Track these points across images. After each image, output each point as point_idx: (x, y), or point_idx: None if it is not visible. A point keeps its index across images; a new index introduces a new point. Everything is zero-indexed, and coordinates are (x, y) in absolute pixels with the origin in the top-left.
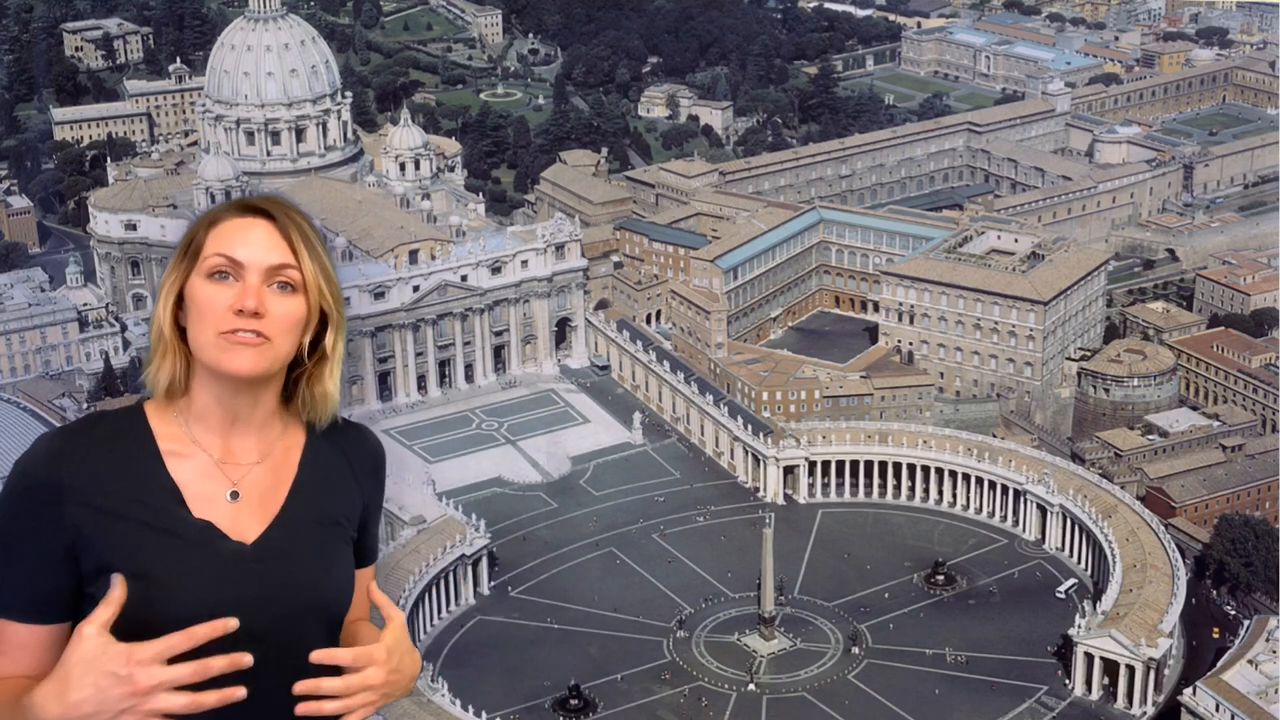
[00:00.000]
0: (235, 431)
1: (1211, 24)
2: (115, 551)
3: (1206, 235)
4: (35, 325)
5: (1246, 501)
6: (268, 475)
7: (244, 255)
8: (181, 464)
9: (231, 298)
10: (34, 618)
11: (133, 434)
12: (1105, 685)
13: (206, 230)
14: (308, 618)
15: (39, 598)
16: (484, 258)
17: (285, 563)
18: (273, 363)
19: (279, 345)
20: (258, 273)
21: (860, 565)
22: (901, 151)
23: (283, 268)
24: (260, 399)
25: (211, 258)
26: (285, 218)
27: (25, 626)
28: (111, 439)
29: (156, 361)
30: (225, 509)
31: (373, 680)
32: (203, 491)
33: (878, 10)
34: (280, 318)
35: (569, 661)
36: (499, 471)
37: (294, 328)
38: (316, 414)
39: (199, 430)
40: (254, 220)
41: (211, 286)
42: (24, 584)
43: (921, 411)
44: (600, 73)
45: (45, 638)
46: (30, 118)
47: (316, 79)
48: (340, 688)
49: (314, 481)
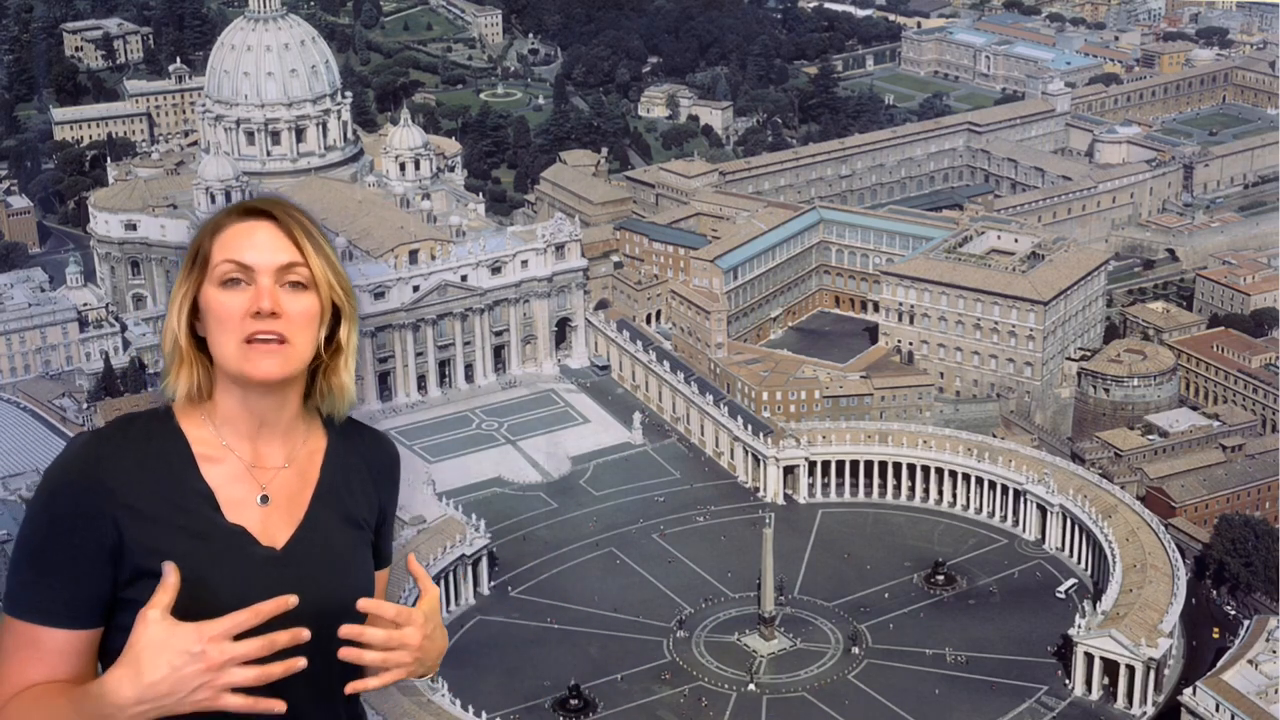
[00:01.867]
0: (262, 435)
1: (1211, 24)
2: (152, 555)
3: (1206, 235)
4: (35, 325)
5: (1246, 501)
6: (294, 479)
7: (252, 258)
8: (214, 468)
9: (247, 302)
10: (72, 623)
11: (166, 437)
12: (1105, 685)
13: (211, 238)
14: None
15: (78, 603)
16: (484, 258)
17: (312, 566)
18: (296, 364)
19: (299, 345)
20: (268, 274)
21: (860, 565)
22: (901, 151)
23: (292, 266)
24: (286, 401)
25: (221, 265)
26: (287, 216)
27: (63, 632)
28: (145, 442)
29: (174, 372)
30: (256, 513)
31: (410, 639)
32: (235, 496)
33: (878, 10)
34: (296, 316)
35: (569, 661)
36: (499, 471)
37: (310, 324)
38: (334, 406)
39: (228, 434)
40: (257, 223)
41: (226, 294)
42: (64, 590)
43: (921, 411)
44: (600, 73)
45: (82, 643)
46: (30, 118)
47: (316, 79)
48: (382, 639)
49: (336, 485)
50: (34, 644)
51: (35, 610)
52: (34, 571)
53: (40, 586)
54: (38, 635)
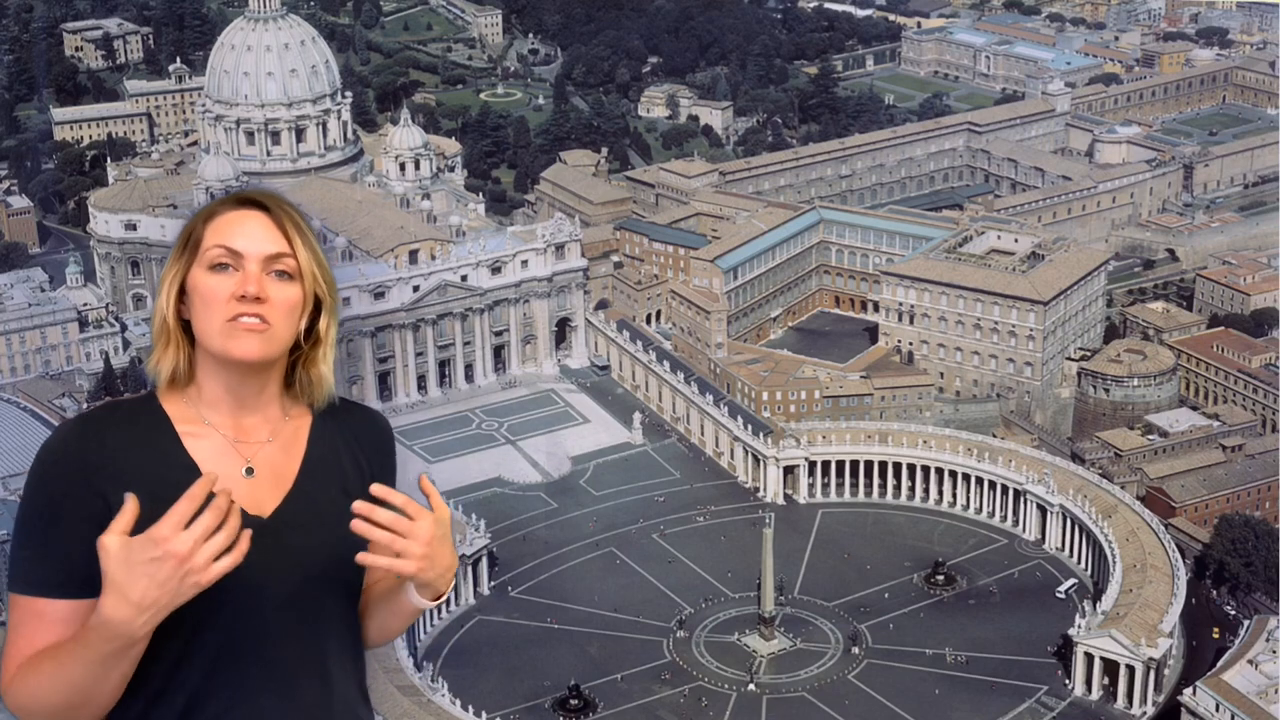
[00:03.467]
0: (244, 413)
1: (1211, 24)
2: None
3: (1206, 235)
4: (35, 325)
5: (1246, 501)
6: (279, 453)
7: (242, 245)
8: (198, 443)
9: (234, 285)
10: (71, 592)
11: (150, 417)
12: (1105, 685)
13: (204, 224)
14: (327, 581)
15: (74, 573)
16: (484, 258)
17: (302, 531)
18: (276, 347)
19: (280, 330)
20: (257, 261)
21: (860, 565)
22: (901, 151)
23: (279, 256)
24: (265, 383)
25: (212, 250)
26: (278, 209)
27: (63, 602)
28: (130, 421)
29: (159, 351)
30: (241, 484)
31: (420, 532)
32: (219, 468)
33: (878, 10)
34: (280, 303)
35: (569, 661)
36: (499, 471)
37: (292, 312)
38: (314, 395)
39: (210, 413)
40: (249, 212)
41: (214, 277)
42: (60, 561)
43: (921, 411)
44: (600, 73)
45: (84, 611)
46: (30, 118)
47: (316, 79)
48: (390, 519)
49: (323, 457)
50: (39, 615)
51: (36, 583)
52: (31, 548)
53: (38, 561)
54: (41, 607)
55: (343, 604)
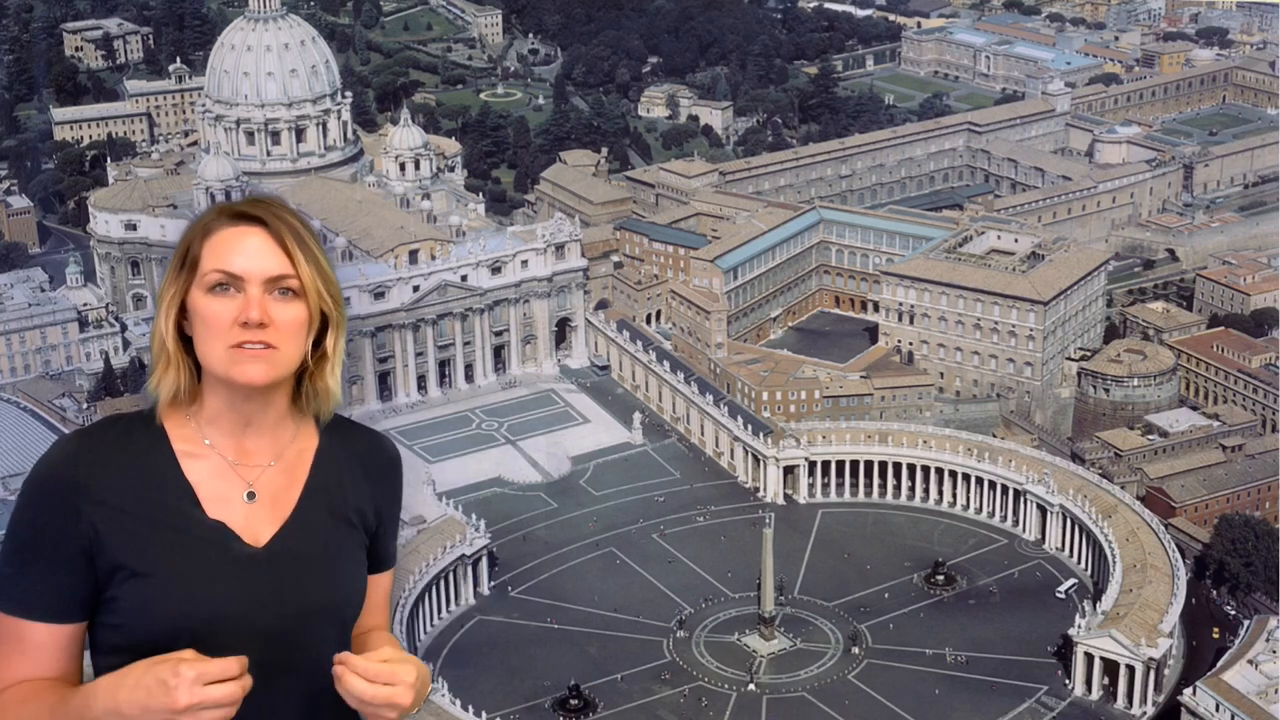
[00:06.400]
0: (248, 434)
1: (1211, 24)
2: (128, 550)
3: (1206, 235)
4: (35, 325)
5: (1246, 501)
6: (281, 476)
7: (242, 267)
8: (196, 465)
9: (235, 309)
10: (53, 618)
11: (148, 436)
12: (1105, 685)
13: (201, 241)
14: (318, 618)
15: (59, 598)
16: (484, 258)
17: (296, 564)
18: (283, 370)
19: (286, 352)
20: (258, 284)
21: (860, 565)
22: (901, 151)
23: (282, 278)
24: (272, 402)
25: (210, 274)
26: (278, 222)
27: (45, 626)
28: (127, 440)
29: (159, 372)
30: (240, 510)
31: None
32: (217, 492)
33: (878, 10)
34: (284, 324)
35: (569, 661)
36: (499, 471)
37: (298, 333)
38: (319, 408)
39: (212, 433)
40: (248, 229)
41: (214, 300)
42: (44, 585)
43: (921, 411)
44: (600, 73)
45: (65, 637)
46: (30, 118)
47: (316, 79)
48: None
49: (327, 482)
50: (18, 638)
51: (17, 604)
52: (15, 567)
53: (21, 581)
54: (21, 629)
55: (333, 641)
